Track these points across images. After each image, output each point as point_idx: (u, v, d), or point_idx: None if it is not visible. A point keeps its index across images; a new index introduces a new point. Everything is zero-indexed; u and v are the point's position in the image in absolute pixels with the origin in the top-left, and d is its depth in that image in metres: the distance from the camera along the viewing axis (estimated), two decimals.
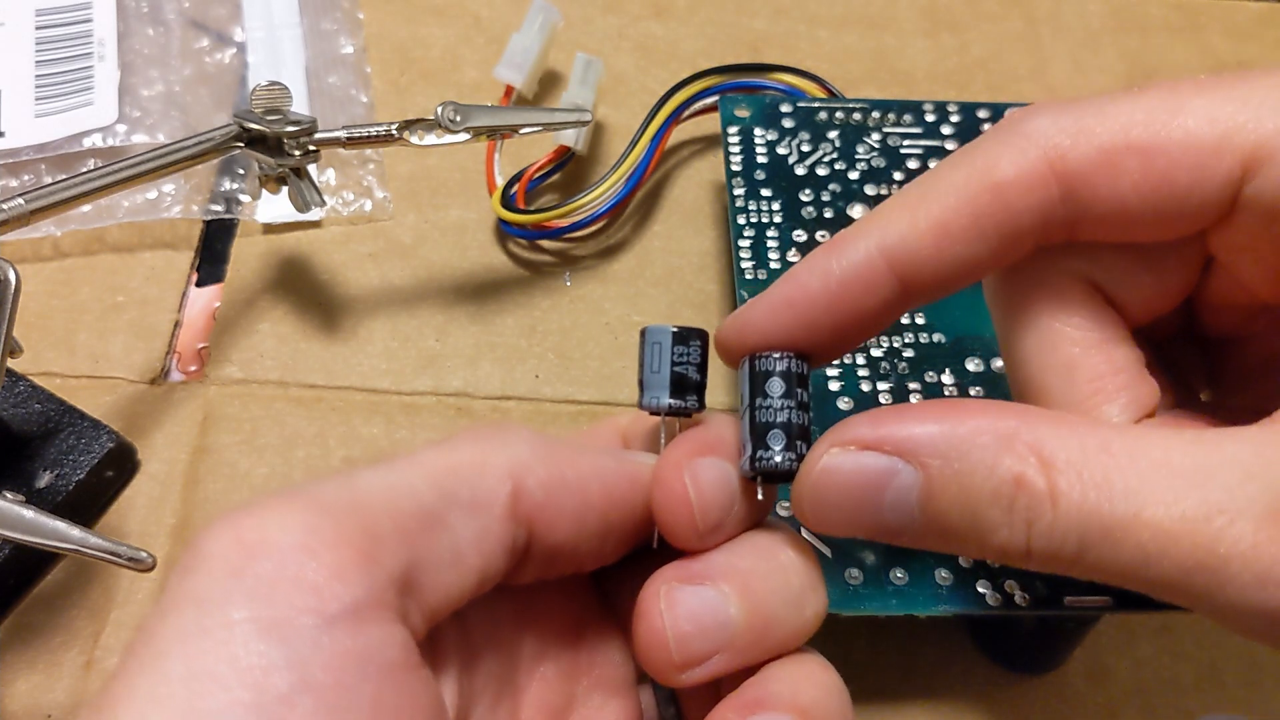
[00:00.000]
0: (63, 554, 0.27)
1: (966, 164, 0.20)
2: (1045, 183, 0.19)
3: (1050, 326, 0.21)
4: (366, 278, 0.37)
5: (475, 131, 0.33)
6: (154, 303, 0.36)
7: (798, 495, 0.20)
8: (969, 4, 0.45)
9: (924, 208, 0.20)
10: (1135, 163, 0.18)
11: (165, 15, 0.42)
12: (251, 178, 0.34)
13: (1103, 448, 0.17)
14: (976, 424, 0.18)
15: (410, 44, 0.42)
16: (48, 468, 0.30)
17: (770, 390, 0.20)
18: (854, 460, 0.19)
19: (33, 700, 0.28)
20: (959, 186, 0.19)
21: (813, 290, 0.20)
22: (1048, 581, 0.27)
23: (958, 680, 0.30)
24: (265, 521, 0.17)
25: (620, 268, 0.37)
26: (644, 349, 0.21)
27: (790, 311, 0.20)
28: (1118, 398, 0.20)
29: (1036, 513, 0.17)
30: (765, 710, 0.19)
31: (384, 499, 0.18)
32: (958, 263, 0.20)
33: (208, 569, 0.16)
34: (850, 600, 0.26)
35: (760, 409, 0.20)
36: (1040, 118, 0.19)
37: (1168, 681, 0.30)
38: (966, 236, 0.19)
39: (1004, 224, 0.19)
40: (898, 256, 0.20)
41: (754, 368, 0.20)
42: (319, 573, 0.16)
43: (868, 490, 0.19)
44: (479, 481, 0.19)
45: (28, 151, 0.37)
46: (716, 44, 0.43)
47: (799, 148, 0.35)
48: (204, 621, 0.16)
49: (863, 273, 0.20)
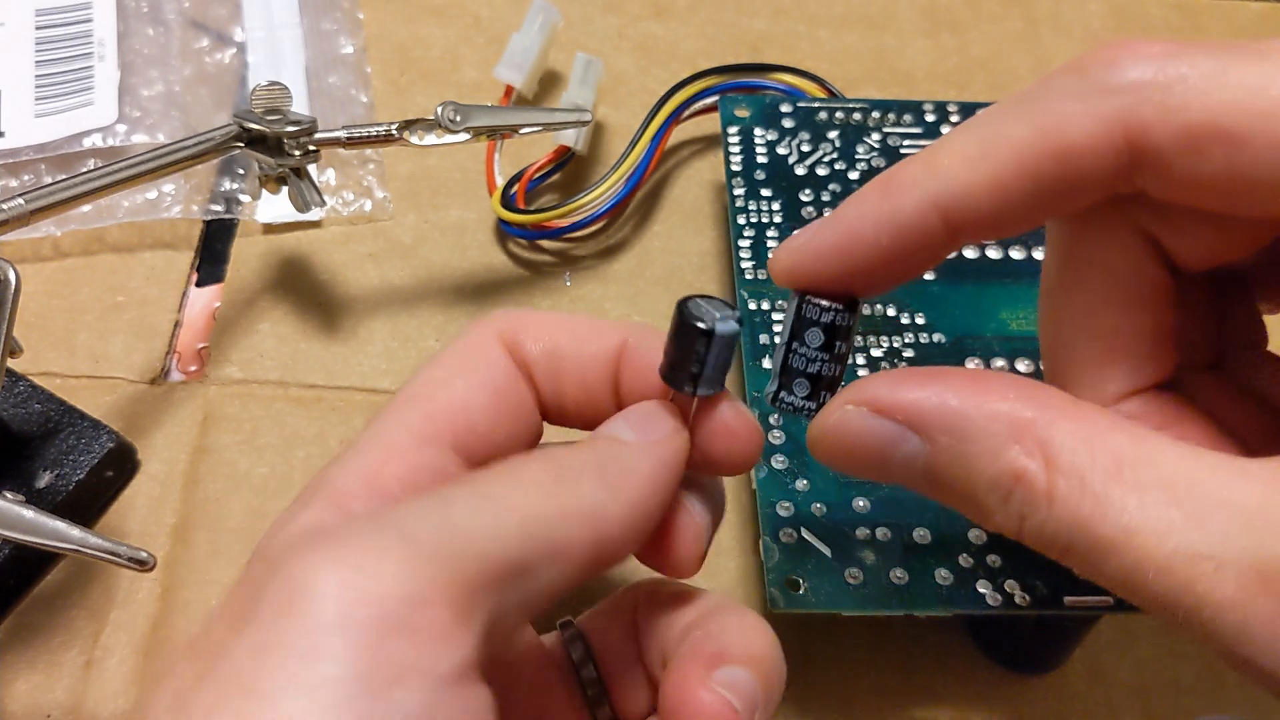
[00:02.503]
0: (63, 554, 0.27)
1: (1035, 119, 0.18)
2: (1118, 151, 0.18)
3: (1088, 271, 0.21)
4: (366, 278, 0.37)
5: (475, 131, 0.33)
6: (154, 303, 0.36)
7: (811, 439, 0.20)
8: (969, 4, 0.45)
9: (984, 164, 0.19)
10: (1221, 151, 0.17)
11: (165, 15, 0.42)
12: (251, 178, 0.34)
13: (1113, 457, 0.17)
14: (994, 409, 0.18)
15: (410, 44, 0.42)
16: (48, 468, 0.30)
17: (809, 340, 0.21)
18: (865, 422, 0.19)
19: (33, 700, 0.28)
20: (1022, 146, 0.19)
21: (866, 240, 0.20)
22: (1048, 581, 0.27)
23: (958, 680, 0.30)
24: (379, 567, 0.15)
25: (620, 268, 0.37)
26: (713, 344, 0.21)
27: (841, 260, 0.20)
28: (1122, 364, 0.20)
29: (1031, 508, 0.17)
30: (727, 663, 0.20)
31: (480, 546, 0.17)
32: (1014, 218, 0.19)
33: (315, 613, 0.15)
34: (850, 600, 0.26)
35: (795, 353, 0.21)
36: (1129, 72, 0.18)
37: (1168, 681, 0.30)
38: (1025, 196, 0.19)
39: (1067, 186, 0.19)
40: (953, 210, 0.19)
41: (800, 311, 0.21)
42: (431, 628, 0.15)
43: (875, 452, 0.19)
44: (564, 529, 0.18)
45: (28, 151, 0.37)
46: (716, 44, 0.43)
47: (799, 148, 0.35)
48: (308, 675, 0.14)
49: (917, 225, 0.20)
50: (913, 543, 0.27)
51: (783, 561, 0.27)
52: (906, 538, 0.27)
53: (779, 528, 0.27)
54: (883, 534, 0.27)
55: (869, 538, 0.27)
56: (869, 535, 0.27)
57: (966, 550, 0.27)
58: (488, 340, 0.22)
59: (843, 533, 0.27)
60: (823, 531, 0.27)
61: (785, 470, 0.29)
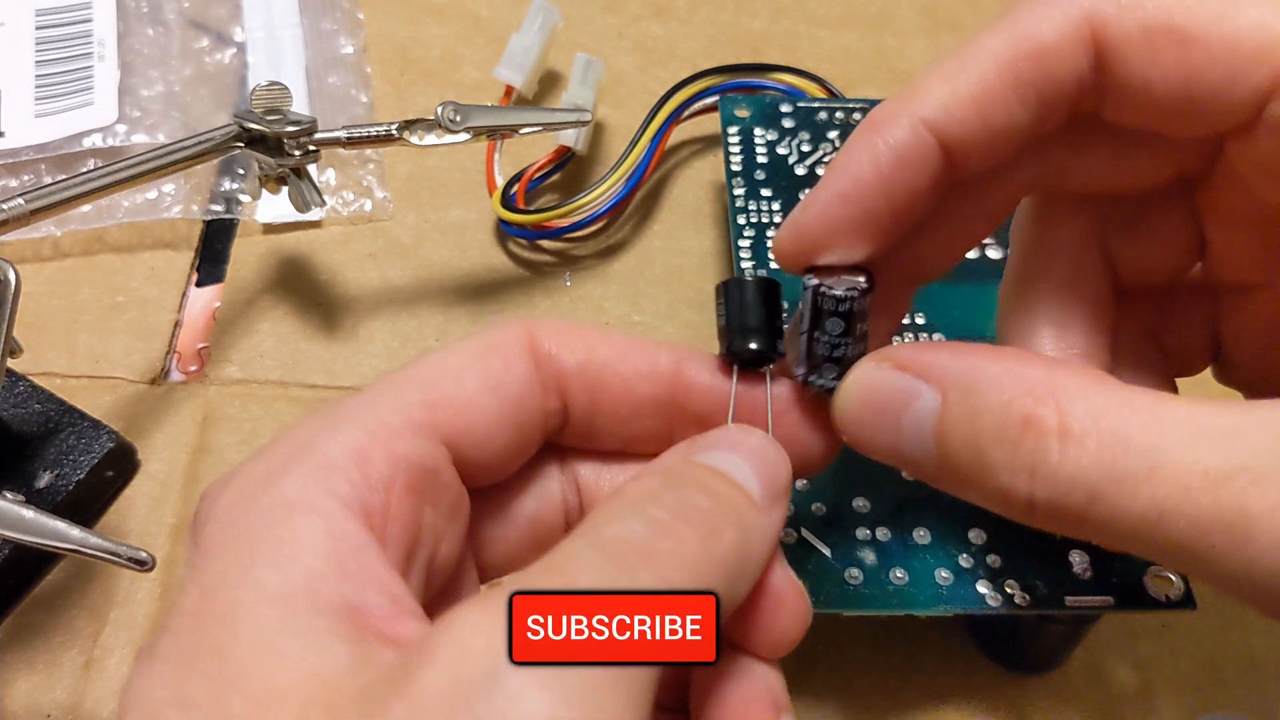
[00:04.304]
0: (63, 554, 0.27)
1: (1007, 29, 0.19)
2: (1085, 47, 0.19)
3: (1046, 264, 0.22)
4: (366, 278, 0.37)
5: (475, 131, 0.33)
6: (154, 303, 0.36)
7: (834, 405, 0.21)
8: (969, 4, 0.45)
9: (964, 76, 0.19)
10: (1173, 50, 0.18)
11: (165, 15, 0.42)
12: (251, 178, 0.34)
13: (1125, 403, 0.17)
14: (1005, 365, 0.18)
15: (410, 44, 0.42)
16: (48, 468, 0.30)
17: (830, 329, 0.21)
18: (883, 375, 0.20)
19: (33, 700, 0.28)
20: (999, 52, 0.19)
21: (864, 177, 0.20)
22: (1048, 581, 0.27)
23: (958, 680, 0.30)
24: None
25: (620, 268, 0.37)
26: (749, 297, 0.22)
27: (844, 207, 0.20)
28: (1062, 349, 0.21)
29: (1042, 456, 0.17)
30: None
31: None
32: (1002, 129, 0.20)
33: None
34: (850, 600, 0.26)
35: (818, 341, 0.21)
36: None
37: (1168, 681, 0.30)
38: (1008, 102, 0.19)
39: (1044, 89, 0.19)
40: (942, 126, 0.20)
41: (817, 301, 0.21)
42: None
43: (889, 407, 0.19)
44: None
45: (28, 151, 0.37)
46: (716, 44, 0.43)
47: (799, 148, 0.35)
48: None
49: (911, 147, 0.20)
50: (913, 543, 0.27)
51: None
52: (906, 538, 0.27)
53: None
54: (883, 534, 0.27)
55: (869, 538, 0.27)
56: (869, 535, 0.27)
57: (966, 550, 0.27)
58: (513, 344, 0.21)
59: (843, 533, 0.27)
60: (823, 531, 0.27)
61: None
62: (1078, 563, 0.27)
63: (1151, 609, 0.26)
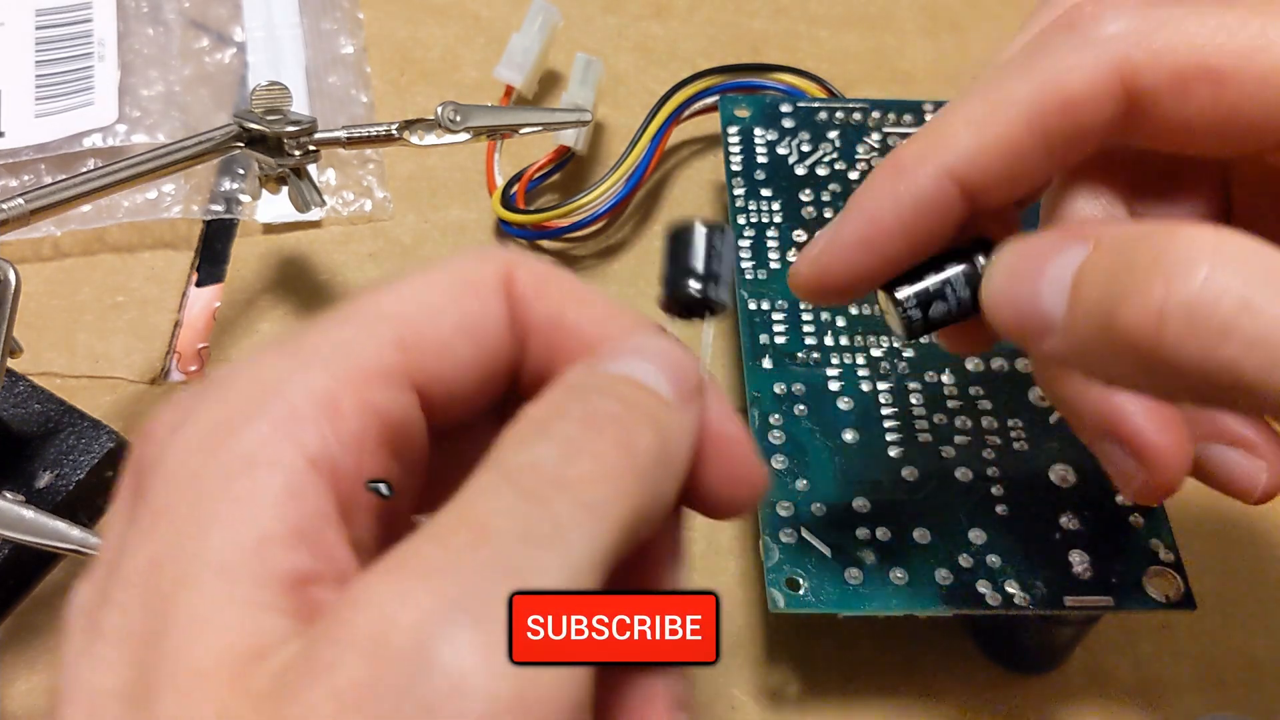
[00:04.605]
0: (63, 554, 0.27)
1: (1034, 75, 0.19)
2: (1115, 97, 0.19)
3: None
4: (366, 278, 0.37)
5: (475, 131, 0.33)
6: (154, 303, 0.36)
7: (989, 266, 0.19)
8: (969, 4, 0.45)
9: (991, 127, 0.19)
10: (1207, 89, 0.18)
11: (165, 15, 0.42)
12: (251, 178, 0.34)
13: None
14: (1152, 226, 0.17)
15: (410, 44, 0.43)
16: (48, 468, 0.30)
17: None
18: (1033, 238, 0.19)
19: (33, 700, 0.28)
20: (1027, 102, 0.19)
21: (886, 225, 0.20)
22: (1048, 581, 0.27)
23: (958, 680, 0.30)
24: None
25: (620, 268, 0.37)
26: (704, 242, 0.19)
27: (866, 253, 0.20)
28: None
29: (1184, 270, 0.16)
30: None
31: None
32: (1028, 178, 0.20)
33: None
34: (850, 600, 0.26)
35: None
36: (1114, 23, 0.19)
37: (1168, 681, 0.30)
38: (1036, 154, 0.19)
39: (1073, 138, 0.19)
40: (968, 179, 0.19)
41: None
42: None
43: (1036, 257, 0.18)
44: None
45: (28, 151, 0.37)
46: (716, 44, 0.43)
47: (799, 148, 0.35)
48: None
49: (934, 199, 0.20)
50: (913, 543, 0.27)
51: (783, 561, 0.27)
52: (906, 538, 0.27)
53: (779, 528, 0.27)
54: (883, 534, 0.27)
55: (869, 538, 0.27)
56: (869, 535, 0.27)
57: (966, 550, 0.27)
58: (488, 281, 0.19)
59: (843, 533, 0.27)
60: (823, 531, 0.27)
61: (785, 470, 0.29)
62: (1078, 563, 0.27)
63: (1151, 609, 0.26)
